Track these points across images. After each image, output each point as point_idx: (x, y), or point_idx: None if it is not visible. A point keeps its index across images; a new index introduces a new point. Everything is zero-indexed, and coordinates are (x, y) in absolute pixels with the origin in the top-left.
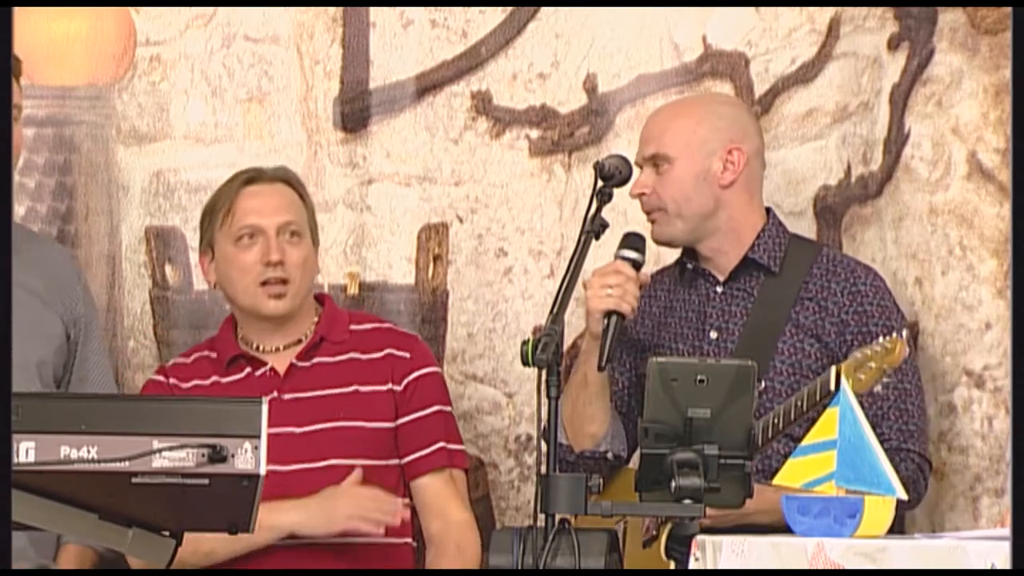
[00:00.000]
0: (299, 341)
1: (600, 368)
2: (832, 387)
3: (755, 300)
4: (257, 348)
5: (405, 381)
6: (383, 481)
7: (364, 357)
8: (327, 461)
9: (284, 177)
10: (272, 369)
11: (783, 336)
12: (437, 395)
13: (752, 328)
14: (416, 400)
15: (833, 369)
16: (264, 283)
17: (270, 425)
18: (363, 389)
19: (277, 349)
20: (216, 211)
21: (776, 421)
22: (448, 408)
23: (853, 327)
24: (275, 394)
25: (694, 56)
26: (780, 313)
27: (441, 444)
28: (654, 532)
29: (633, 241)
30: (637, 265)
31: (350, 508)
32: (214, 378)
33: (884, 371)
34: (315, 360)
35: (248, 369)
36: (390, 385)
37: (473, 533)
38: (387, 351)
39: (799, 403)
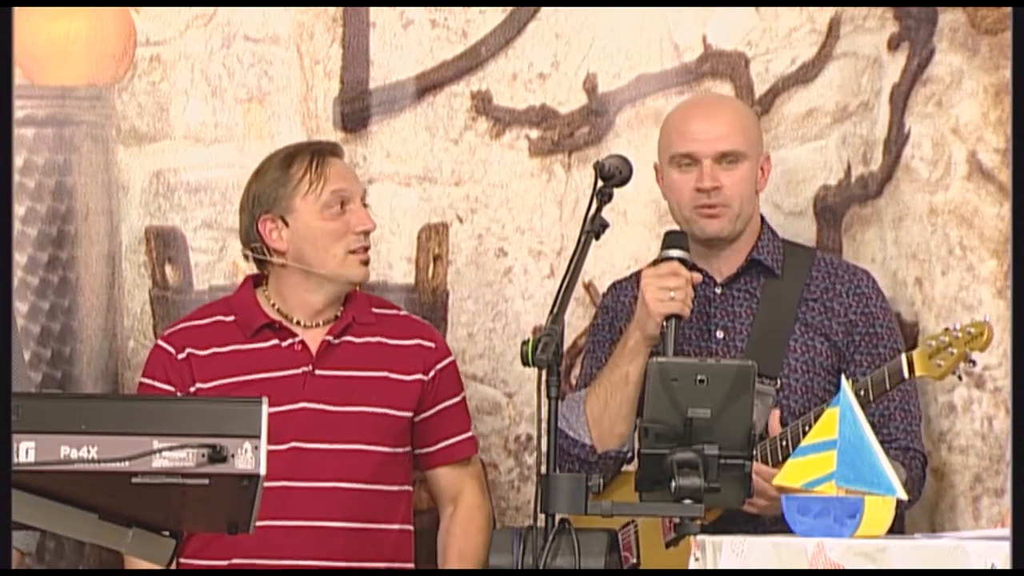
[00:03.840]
0: (334, 318)
1: None
2: (905, 374)
3: (759, 301)
4: (296, 322)
5: (433, 371)
6: (393, 469)
7: (392, 343)
8: (354, 445)
9: (341, 152)
10: (302, 343)
11: (793, 335)
12: (459, 384)
13: (761, 327)
14: (443, 390)
15: (904, 357)
16: (353, 251)
17: (303, 399)
18: (393, 376)
19: (317, 324)
20: (296, 178)
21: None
22: (464, 395)
23: (861, 327)
24: (309, 368)
25: (694, 56)
26: (787, 313)
27: (469, 434)
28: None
29: (678, 239)
30: (685, 263)
31: None
32: (234, 346)
33: (966, 356)
34: (344, 339)
35: (275, 340)
36: (419, 375)
37: (486, 517)
38: (416, 340)
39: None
